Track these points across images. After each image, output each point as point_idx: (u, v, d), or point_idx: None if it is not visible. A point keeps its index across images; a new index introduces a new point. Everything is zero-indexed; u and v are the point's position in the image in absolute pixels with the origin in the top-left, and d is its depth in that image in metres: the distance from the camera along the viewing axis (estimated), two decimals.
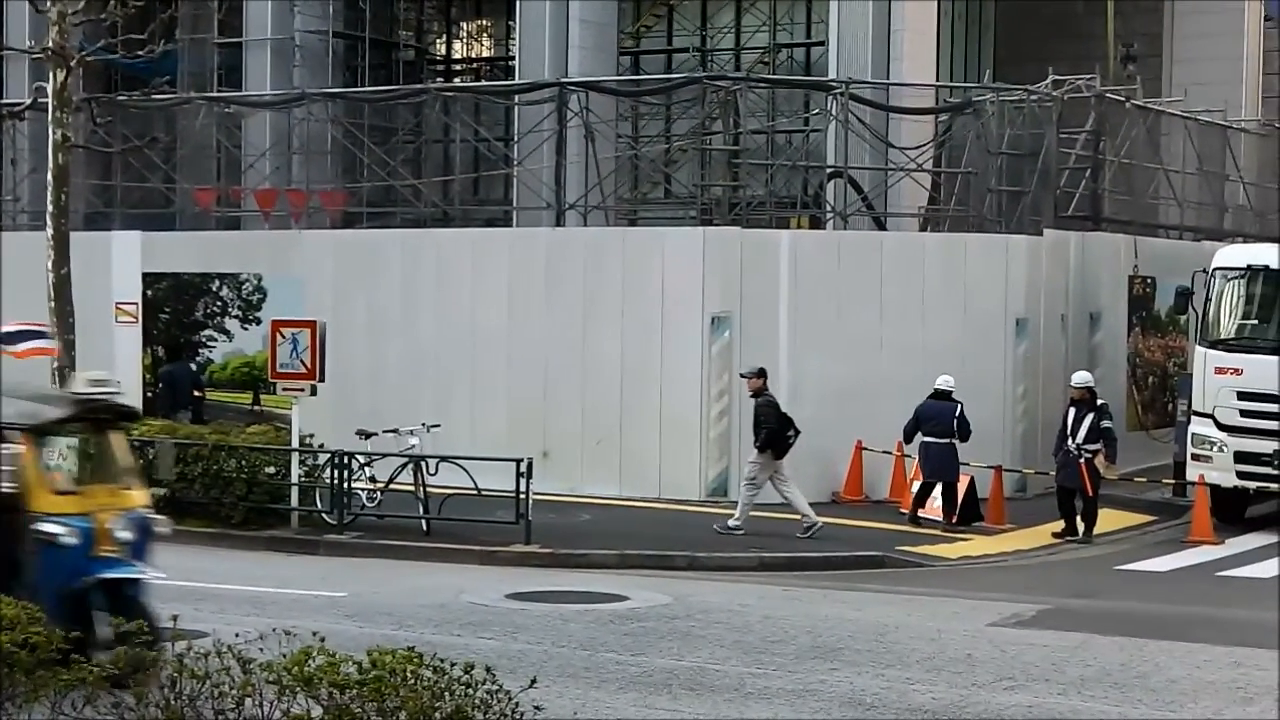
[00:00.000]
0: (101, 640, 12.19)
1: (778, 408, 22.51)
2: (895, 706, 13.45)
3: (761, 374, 22.86)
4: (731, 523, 22.43)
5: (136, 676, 11.59)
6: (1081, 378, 23.52)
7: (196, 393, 28.18)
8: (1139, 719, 13.22)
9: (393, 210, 30.48)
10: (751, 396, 22.77)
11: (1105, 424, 22.86)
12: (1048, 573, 21.12)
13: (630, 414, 25.38)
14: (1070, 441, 22.85)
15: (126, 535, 13.32)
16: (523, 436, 24.76)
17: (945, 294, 26.04)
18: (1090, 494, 22.85)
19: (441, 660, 9.72)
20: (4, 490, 13.12)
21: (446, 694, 9.52)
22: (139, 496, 13.71)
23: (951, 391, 23.24)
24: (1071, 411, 23.06)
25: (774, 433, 22.27)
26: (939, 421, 23.04)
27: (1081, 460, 22.66)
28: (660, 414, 24.98)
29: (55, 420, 13.51)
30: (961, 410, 23.07)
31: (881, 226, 29.32)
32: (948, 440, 23.03)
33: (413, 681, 9.58)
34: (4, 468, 13.04)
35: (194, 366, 28.57)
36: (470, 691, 9.56)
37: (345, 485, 22.21)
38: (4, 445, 13.09)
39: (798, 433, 22.50)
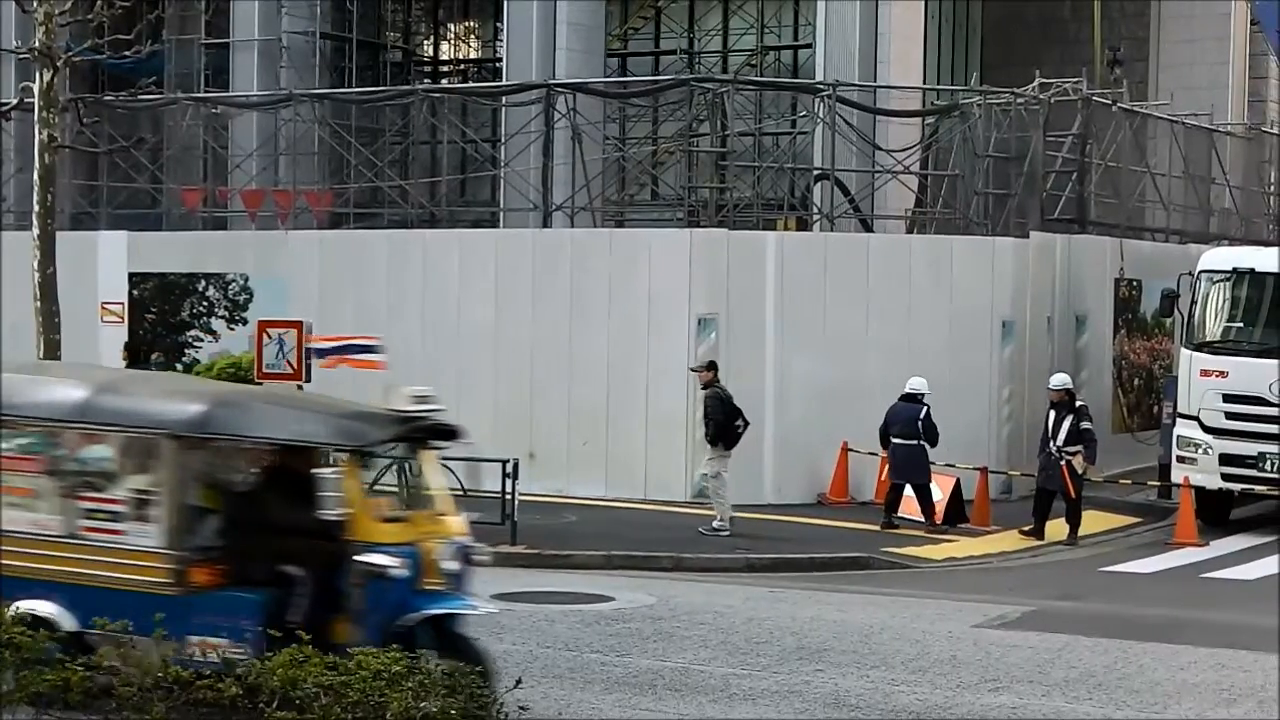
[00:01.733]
0: None
1: (725, 400, 22.58)
2: (879, 708, 13.48)
3: (711, 367, 22.93)
4: (715, 524, 22.46)
5: None
6: (1059, 380, 23.55)
7: None
8: None
9: (379, 211, 30.48)
10: (702, 389, 22.84)
11: (1085, 425, 22.90)
12: (1032, 574, 21.16)
13: (616, 415, 25.39)
14: (1051, 444, 22.89)
15: (453, 565, 12.34)
16: (509, 437, 24.76)
17: (931, 296, 26.08)
18: (1073, 496, 22.89)
19: (426, 660, 9.76)
20: (329, 518, 12.18)
21: (431, 694, 9.56)
22: (458, 523, 12.77)
23: (921, 394, 23.19)
24: (1051, 414, 23.11)
25: (721, 425, 22.39)
26: (905, 424, 23.07)
27: (1063, 463, 22.69)
28: (646, 415, 24.98)
29: (380, 440, 12.64)
30: (927, 413, 23.04)
31: (868, 228, 29.36)
32: (915, 442, 23.03)
33: (398, 681, 9.62)
34: (327, 493, 12.05)
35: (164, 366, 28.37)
36: (455, 692, 9.61)
37: None
38: (324, 469, 12.20)
39: (747, 423, 22.60)
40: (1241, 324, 24.66)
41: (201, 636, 11.98)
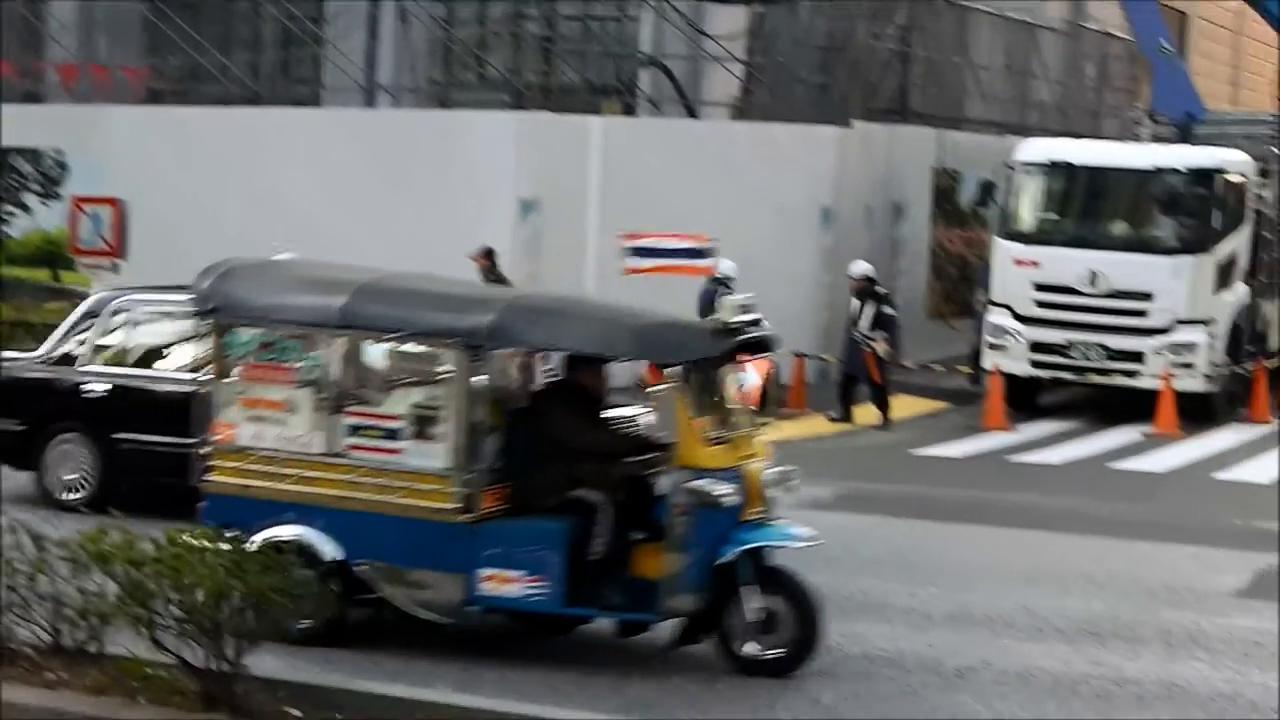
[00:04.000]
0: (748, 623, 10.92)
1: (506, 285, 22.70)
2: None
3: (488, 254, 23.02)
4: None
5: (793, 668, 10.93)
6: (859, 268, 23.84)
7: None
8: (928, 598, 13.63)
9: (199, 88, 29.97)
10: (479, 273, 22.92)
11: (887, 311, 23.29)
12: (845, 457, 21.49)
13: None
14: (855, 331, 23.24)
15: (776, 492, 11.37)
16: None
17: (755, 184, 26.23)
18: (877, 381, 23.25)
19: (239, 540, 9.77)
20: (630, 438, 11.41)
21: (244, 572, 9.58)
22: (767, 444, 11.70)
23: (727, 278, 23.13)
24: (855, 302, 23.45)
25: None
26: (704, 305, 23.16)
27: (866, 349, 23.03)
28: None
29: (701, 354, 11.21)
30: (715, 294, 23.00)
31: (693, 115, 29.42)
32: None
33: (210, 559, 9.63)
34: (649, 413, 11.30)
35: None
36: (268, 570, 9.64)
37: None
38: (649, 388, 11.27)
39: None
40: (1055, 215, 25.14)
41: (494, 569, 10.94)
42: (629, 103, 29.42)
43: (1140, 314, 23.77)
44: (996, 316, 24.58)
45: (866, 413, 23.49)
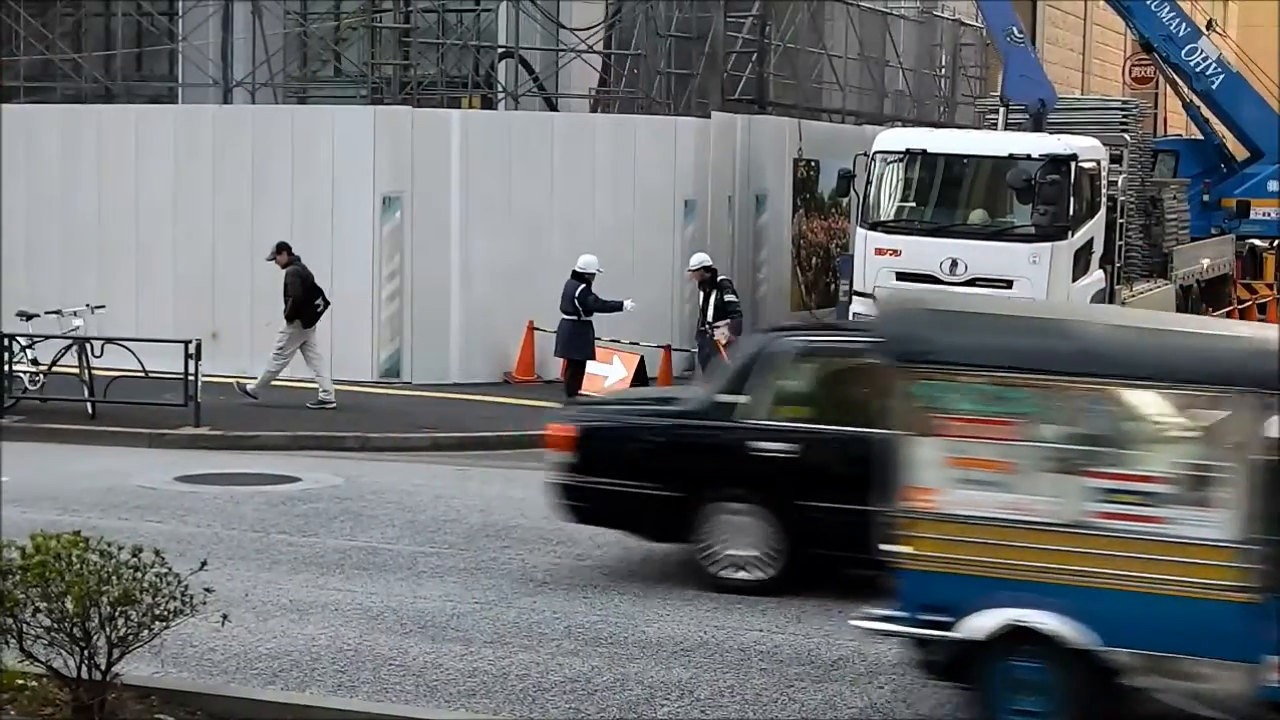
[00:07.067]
0: None
1: (305, 279, 22.80)
2: (566, 581, 13.72)
3: (282, 248, 23.04)
4: (250, 387, 22.75)
5: None
6: (697, 260, 24.01)
7: None
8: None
9: (51, 85, 29.50)
10: (281, 269, 22.90)
11: (728, 298, 23.47)
12: None
13: None
14: (703, 322, 23.42)
15: None
16: (190, 318, 24.40)
17: (615, 175, 26.29)
18: None
19: (109, 544, 9.63)
20: None
21: (114, 578, 9.45)
22: None
23: (587, 273, 23.20)
24: (700, 294, 23.63)
25: (299, 302, 22.67)
26: (565, 299, 23.25)
27: (713, 337, 23.19)
28: (332, 295, 24.72)
29: None
30: (584, 289, 23.11)
31: (553, 107, 29.38)
32: (574, 318, 23.21)
33: (79, 566, 9.48)
34: None
35: None
36: (139, 575, 9.51)
37: (6, 368, 21.62)
38: None
39: (327, 303, 22.97)
40: (914, 204, 25.29)
41: None
42: (488, 95, 29.33)
43: None
44: (860, 306, 24.73)
45: None
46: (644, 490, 13.62)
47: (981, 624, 9.62)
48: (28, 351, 22.09)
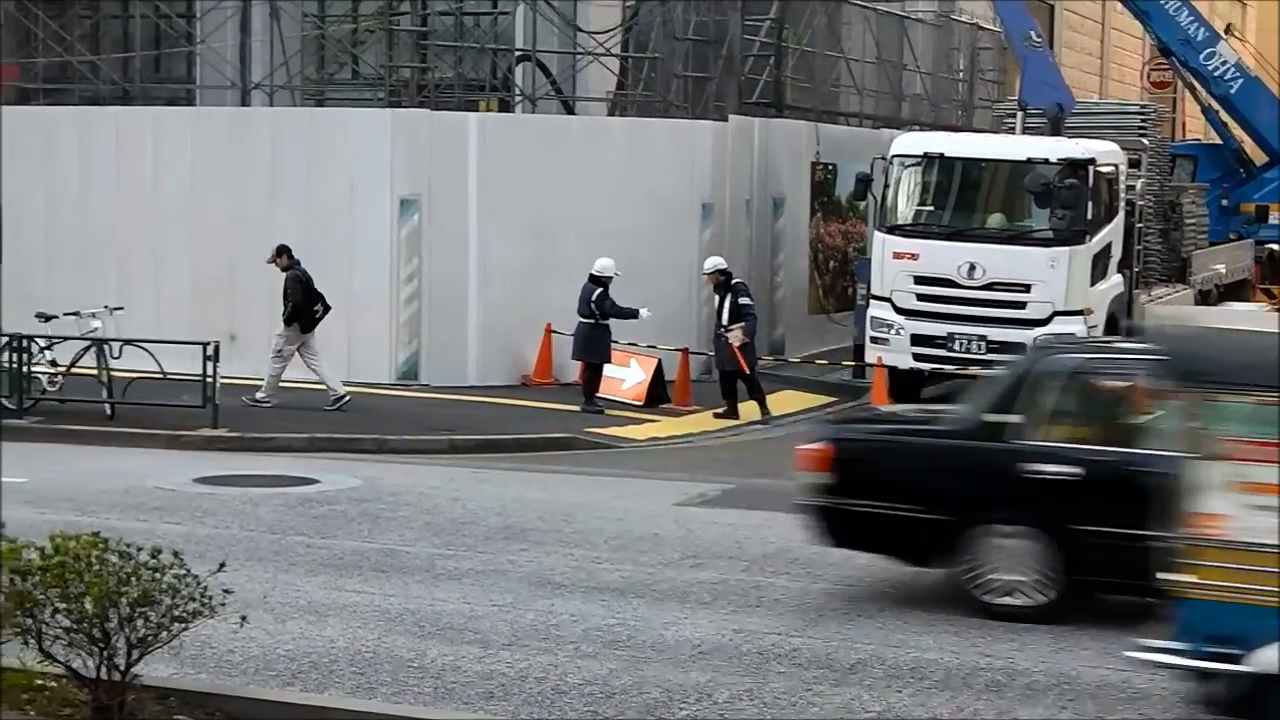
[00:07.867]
0: None
1: (305, 283, 22.79)
2: (584, 585, 13.71)
3: (282, 251, 23.02)
4: (259, 395, 22.67)
5: None
6: (711, 263, 24.04)
7: None
8: (820, 591, 13.70)
9: (69, 87, 29.54)
10: (281, 271, 22.88)
11: (742, 300, 23.47)
12: (732, 453, 21.60)
13: None
14: (719, 326, 23.41)
15: None
16: (208, 320, 24.39)
17: (632, 178, 26.27)
18: (746, 372, 23.36)
19: (127, 545, 9.63)
20: None
21: (134, 579, 9.44)
22: None
23: (604, 276, 23.29)
24: (716, 297, 23.62)
25: (299, 306, 22.65)
26: (582, 303, 23.31)
27: (728, 340, 23.17)
28: (348, 298, 24.75)
29: None
30: (601, 293, 23.17)
31: (570, 110, 29.38)
32: (591, 321, 23.26)
33: (98, 567, 9.48)
34: None
35: None
36: (157, 576, 9.49)
37: (25, 369, 21.65)
38: None
39: (327, 308, 22.89)
40: (931, 207, 25.27)
41: None
42: (505, 98, 29.33)
43: (1019, 305, 23.97)
44: (877, 310, 24.70)
45: (751, 408, 23.57)
46: (906, 512, 13.19)
47: (1274, 657, 9.03)
48: (46, 353, 22.12)
